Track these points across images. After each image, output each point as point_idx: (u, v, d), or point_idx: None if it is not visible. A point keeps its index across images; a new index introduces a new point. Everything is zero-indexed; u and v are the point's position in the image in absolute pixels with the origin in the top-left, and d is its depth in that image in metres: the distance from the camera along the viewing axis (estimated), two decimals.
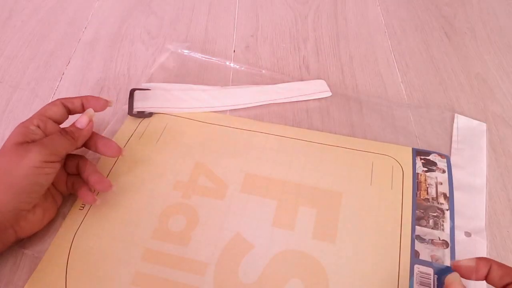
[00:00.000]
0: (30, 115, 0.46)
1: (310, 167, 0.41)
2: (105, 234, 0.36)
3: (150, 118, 0.45)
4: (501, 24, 0.58)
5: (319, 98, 0.48)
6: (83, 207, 0.37)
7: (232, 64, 0.52)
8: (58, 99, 0.37)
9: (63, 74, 0.50)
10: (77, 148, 0.36)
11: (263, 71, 0.51)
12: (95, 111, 0.38)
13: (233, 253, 0.35)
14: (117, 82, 0.49)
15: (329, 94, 0.48)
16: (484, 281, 0.29)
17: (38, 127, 0.35)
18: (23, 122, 0.35)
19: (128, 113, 0.45)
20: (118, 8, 0.60)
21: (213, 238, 0.36)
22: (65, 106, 0.37)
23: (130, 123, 0.44)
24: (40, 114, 0.36)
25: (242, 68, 0.51)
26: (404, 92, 0.49)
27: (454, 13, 0.60)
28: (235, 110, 0.46)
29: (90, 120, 0.37)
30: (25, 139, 0.33)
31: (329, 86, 0.49)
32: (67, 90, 0.48)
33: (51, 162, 0.33)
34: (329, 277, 0.33)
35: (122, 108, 0.46)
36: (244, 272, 0.34)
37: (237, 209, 0.37)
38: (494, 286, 0.28)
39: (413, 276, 0.33)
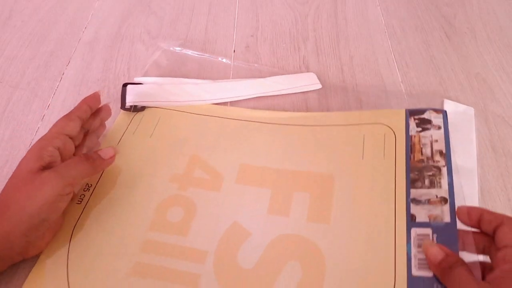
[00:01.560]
0: (30, 115, 0.46)
1: (303, 152, 0.41)
2: (104, 227, 0.36)
3: (143, 112, 0.45)
4: (501, 24, 0.58)
5: (318, 97, 0.48)
6: (81, 201, 0.38)
7: (224, 60, 0.52)
8: (72, 113, 0.36)
9: (63, 74, 0.50)
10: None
11: (256, 65, 0.51)
12: (94, 106, 0.39)
13: (231, 241, 0.35)
14: (117, 82, 0.49)
15: (319, 86, 0.49)
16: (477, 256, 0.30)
17: (57, 148, 0.33)
18: (40, 141, 0.33)
19: (121, 107, 0.45)
20: (118, 8, 0.60)
21: (211, 227, 0.36)
22: (81, 119, 0.36)
23: (123, 118, 0.45)
24: (58, 132, 0.34)
25: (236, 64, 0.51)
26: (404, 92, 0.49)
27: (454, 13, 0.60)
28: (227, 103, 0.47)
29: (115, 154, 0.37)
30: (41, 163, 0.32)
31: (329, 86, 0.49)
32: (67, 90, 0.48)
33: (66, 194, 0.32)
34: (326, 257, 0.34)
35: (117, 105, 0.46)
36: (243, 258, 0.34)
37: (233, 200, 0.38)
38: (486, 231, 0.30)
39: (410, 240, 0.33)
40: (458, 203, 0.36)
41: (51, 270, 0.34)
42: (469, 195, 0.38)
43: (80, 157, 0.34)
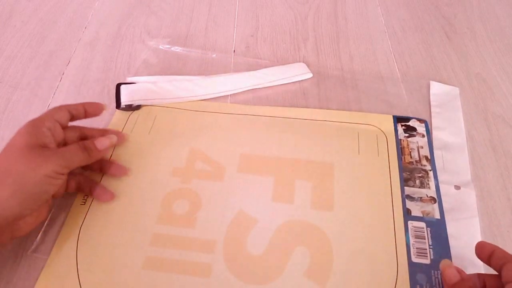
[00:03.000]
0: (30, 115, 0.46)
1: (301, 142, 0.43)
2: (110, 226, 0.37)
3: (139, 111, 0.46)
4: (501, 24, 0.58)
5: (318, 96, 0.48)
6: (84, 202, 0.38)
7: (214, 55, 0.53)
8: (62, 105, 0.37)
9: (63, 74, 0.50)
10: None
11: (258, 60, 0.51)
12: (94, 115, 0.38)
13: (239, 229, 0.36)
14: (117, 82, 0.49)
15: (310, 75, 0.50)
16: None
17: (49, 129, 0.34)
18: (33, 121, 0.34)
19: (116, 107, 0.45)
20: (118, 8, 0.60)
21: (218, 217, 0.37)
22: (70, 112, 0.37)
23: (120, 117, 0.45)
24: (50, 115, 0.35)
25: (236, 62, 0.51)
26: (404, 92, 0.49)
27: (454, 13, 0.60)
28: (220, 97, 0.47)
29: (111, 145, 0.37)
30: (37, 142, 0.33)
31: (329, 86, 0.49)
32: (67, 90, 0.48)
33: (62, 174, 0.33)
34: (332, 242, 0.36)
35: (112, 106, 0.46)
36: (252, 245, 0.35)
37: (237, 188, 0.39)
38: (494, 267, 0.30)
39: (408, 231, 0.37)
40: (451, 178, 0.41)
41: (61, 271, 0.34)
42: (460, 169, 0.42)
43: (79, 145, 0.35)
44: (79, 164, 0.35)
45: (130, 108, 0.45)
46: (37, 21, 0.57)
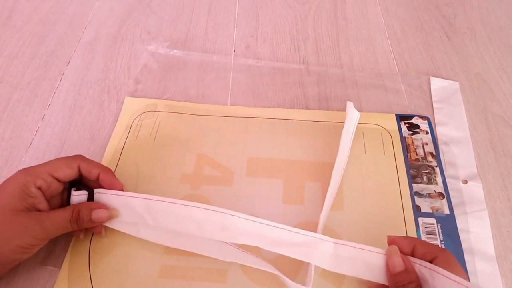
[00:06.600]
0: (30, 115, 0.46)
1: (307, 144, 0.43)
2: (122, 236, 0.36)
3: (141, 116, 0.45)
4: (501, 24, 0.58)
5: (318, 97, 0.48)
6: None
7: (215, 57, 0.52)
8: (78, 158, 0.34)
9: (63, 74, 0.50)
10: None
11: (258, 61, 0.51)
12: (108, 187, 0.35)
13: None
14: (117, 82, 0.49)
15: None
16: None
17: (40, 188, 0.32)
18: (25, 175, 0.31)
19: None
20: (118, 8, 0.60)
21: None
22: (81, 172, 0.34)
23: (123, 125, 0.44)
24: (48, 173, 0.32)
25: (236, 63, 0.51)
26: (404, 92, 0.49)
27: (454, 13, 0.60)
28: (220, 100, 0.46)
29: (110, 217, 0.34)
30: (24, 205, 0.31)
31: (329, 86, 0.49)
32: (67, 90, 0.48)
33: (44, 242, 0.32)
34: None
35: (114, 112, 0.46)
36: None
37: (247, 192, 0.39)
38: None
39: (419, 228, 0.37)
40: (458, 172, 0.41)
41: (74, 284, 0.33)
42: (466, 163, 0.42)
43: (70, 216, 0.32)
44: (63, 232, 0.32)
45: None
46: (37, 21, 0.57)
